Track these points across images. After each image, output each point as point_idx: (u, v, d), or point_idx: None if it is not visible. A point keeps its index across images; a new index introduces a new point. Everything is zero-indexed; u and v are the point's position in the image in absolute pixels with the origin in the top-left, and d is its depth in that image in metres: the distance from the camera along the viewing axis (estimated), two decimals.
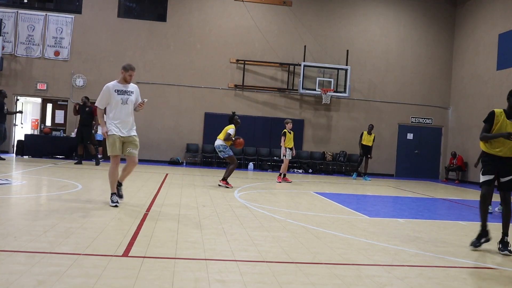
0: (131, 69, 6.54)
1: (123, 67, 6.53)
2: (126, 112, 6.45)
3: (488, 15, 17.13)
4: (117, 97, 6.39)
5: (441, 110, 19.23)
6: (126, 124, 6.46)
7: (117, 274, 3.38)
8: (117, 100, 6.39)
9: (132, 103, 6.55)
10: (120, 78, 6.54)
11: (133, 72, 6.56)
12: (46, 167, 12.48)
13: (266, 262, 4.00)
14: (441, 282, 3.74)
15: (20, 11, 17.23)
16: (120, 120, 6.41)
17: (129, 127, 6.49)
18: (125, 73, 6.49)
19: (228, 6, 18.08)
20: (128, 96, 6.49)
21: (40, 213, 5.76)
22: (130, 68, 6.53)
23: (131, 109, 6.54)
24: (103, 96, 6.42)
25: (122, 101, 6.42)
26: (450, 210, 9.26)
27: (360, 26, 18.80)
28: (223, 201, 7.79)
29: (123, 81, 6.52)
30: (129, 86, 6.56)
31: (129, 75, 6.50)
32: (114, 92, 6.39)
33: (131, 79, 6.56)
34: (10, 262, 3.50)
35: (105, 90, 6.41)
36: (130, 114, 6.52)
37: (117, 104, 6.40)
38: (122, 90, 6.46)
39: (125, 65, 6.55)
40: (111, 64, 17.54)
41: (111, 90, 6.40)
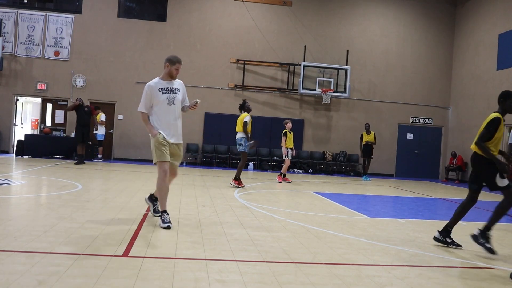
0: (178, 61, 5.48)
1: (168, 60, 5.46)
2: (173, 114, 5.39)
3: (488, 15, 17.13)
4: (161, 97, 5.34)
5: (441, 110, 19.23)
6: (174, 128, 5.42)
7: (117, 274, 3.38)
8: (162, 100, 5.34)
9: (180, 102, 5.50)
10: (163, 73, 5.48)
11: (180, 65, 5.50)
12: (46, 167, 12.48)
13: (266, 262, 3.99)
14: (441, 282, 3.74)
15: (20, 11, 17.23)
16: (167, 124, 5.36)
17: (177, 133, 5.47)
18: (171, 66, 5.43)
19: (228, 6, 18.08)
20: (174, 95, 5.42)
21: (40, 213, 5.76)
22: (177, 60, 5.48)
23: (179, 110, 5.50)
24: (146, 97, 5.37)
25: (168, 101, 5.36)
26: (450, 210, 9.24)
27: (360, 26, 18.80)
28: (223, 201, 7.79)
29: (168, 77, 5.47)
30: (174, 83, 5.50)
31: (175, 69, 5.44)
32: (158, 92, 5.34)
33: (177, 74, 5.53)
34: (10, 262, 3.50)
35: (147, 90, 5.36)
36: (178, 116, 5.47)
37: (162, 105, 5.34)
38: (167, 88, 5.41)
39: (170, 57, 5.49)
40: (111, 64, 17.55)
41: (154, 89, 5.34)
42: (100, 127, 16.06)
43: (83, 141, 14.56)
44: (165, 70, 5.47)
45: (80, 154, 14.51)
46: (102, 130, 16.14)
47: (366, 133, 15.43)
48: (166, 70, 5.46)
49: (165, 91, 5.38)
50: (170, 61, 5.46)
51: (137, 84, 17.60)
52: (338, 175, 17.53)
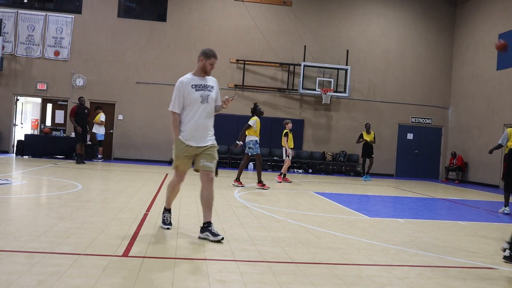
0: (214, 56, 4.94)
1: (204, 53, 4.92)
2: (205, 114, 4.91)
3: (488, 15, 17.13)
4: (195, 94, 4.84)
5: (441, 110, 19.23)
6: (203, 129, 4.91)
7: (117, 274, 3.38)
8: (195, 98, 4.83)
9: (213, 101, 5.00)
10: (196, 68, 4.97)
11: (216, 60, 4.96)
12: (46, 167, 12.48)
13: (266, 262, 3.99)
14: (441, 282, 3.74)
15: (20, 11, 17.23)
16: (197, 124, 4.86)
17: (207, 134, 4.94)
18: (206, 61, 4.90)
19: (228, 6, 18.07)
20: (208, 93, 4.93)
21: (40, 213, 5.76)
22: (213, 54, 4.94)
23: (212, 109, 5.02)
24: (178, 95, 4.84)
25: (201, 99, 4.86)
26: (450, 210, 9.25)
27: (360, 26, 18.80)
28: (223, 201, 7.79)
29: (202, 73, 4.96)
30: (208, 79, 5.01)
31: (210, 63, 4.92)
32: (191, 88, 4.85)
33: (212, 70, 5.01)
34: (10, 262, 3.50)
35: (179, 87, 4.85)
36: (210, 116, 4.98)
37: (195, 103, 4.84)
38: (201, 84, 4.91)
39: (205, 50, 4.95)
40: (111, 64, 17.55)
41: (187, 86, 4.85)
42: (100, 127, 16.08)
43: (83, 140, 14.71)
44: (199, 65, 4.93)
45: (80, 154, 14.57)
46: (102, 130, 16.16)
47: (367, 132, 15.44)
48: (200, 65, 4.92)
49: (198, 88, 4.88)
50: (205, 54, 4.92)
51: (137, 84, 17.60)
52: (338, 175, 17.53)
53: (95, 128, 16.13)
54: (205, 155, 4.87)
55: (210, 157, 4.89)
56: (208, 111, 4.93)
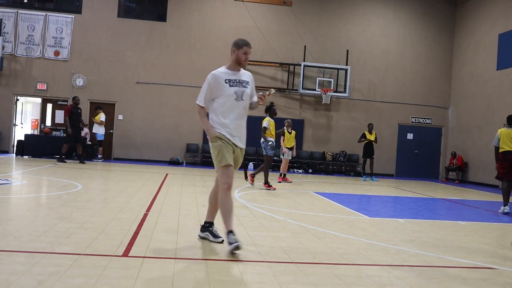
0: (246, 44, 4.44)
1: (235, 44, 4.47)
2: (240, 112, 4.43)
3: (488, 15, 17.13)
4: (228, 90, 4.37)
5: (441, 110, 19.23)
6: (239, 129, 4.43)
7: (117, 274, 3.38)
8: (229, 94, 4.36)
9: (248, 98, 4.53)
10: (230, 62, 4.51)
11: (249, 48, 4.47)
12: (46, 167, 12.48)
13: (266, 262, 3.99)
14: (441, 282, 3.74)
15: (20, 11, 17.23)
16: (231, 124, 4.37)
17: (242, 135, 4.49)
18: (238, 51, 4.42)
19: (228, 6, 18.08)
20: (244, 89, 4.46)
21: (40, 213, 5.76)
22: (245, 43, 4.44)
23: (247, 107, 4.54)
24: (208, 88, 4.40)
25: (236, 95, 4.38)
26: (450, 210, 9.25)
27: (360, 26, 18.80)
28: None
29: (236, 65, 4.49)
30: (243, 74, 4.55)
31: (243, 53, 4.42)
32: (224, 83, 4.37)
33: (247, 60, 4.51)
34: (10, 262, 3.50)
35: (210, 81, 4.38)
36: (245, 114, 4.51)
37: (229, 100, 4.36)
38: (235, 80, 4.44)
39: (236, 40, 4.50)
40: (111, 64, 17.55)
41: (220, 80, 4.37)
42: (100, 127, 16.09)
43: (75, 140, 14.67)
44: (232, 57, 4.47)
45: (80, 154, 14.59)
46: (102, 130, 16.16)
47: (369, 132, 15.45)
48: (233, 57, 4.46)
49: (232, 83, 4.40)
50: (236, 44, 4.45)
51: (137, 84, 17.60)
52: (338, 175, 17.53)
53: (95, 128, 16.14)
54: (235, 162, 4.47)
55: (238, 164, 4.53)
56: (242, 109, 4.43)
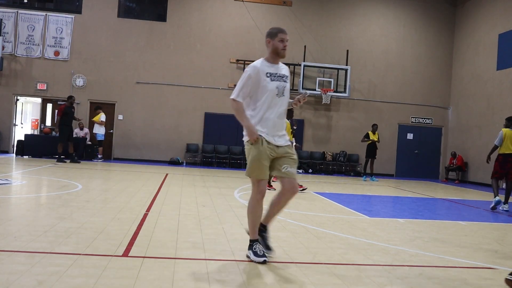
0: (281, 31, 4.04)
1: (268, 34, 4.08)
2: (281, 109, 4.03)
3: (488, 15, 17.14)
4: (270, 85, 3.95)
5: (441, 110, 19.23)
6: (279, 127, 4.03)
7: (117, 274, 3.38)
8: (271, 89, 3.94)
9: (288, 95, 4.14)
10: (268, 54, 4.09)
11: (286, 35, 4.04)
12: (46, 167, 12.48)
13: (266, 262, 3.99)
14: (441, 282, 3.74)
15: (20, 11, 17.23)
16: (272, 122, 3.97)
17: (283, 132, 4.09)
18: (273, 40, 4.02)
19: (228, 6, 18.08)
20: (284, 84, 4.06)
21: (40, 213, 5.76)
22: (279, 30, 4.05)
23: (287, 105, 4.15)
24: (247, 82, 3.97)
25: (278, 91, 3.97)
26: (450, 210, 9.25)
27: (360, 26, 18.80)
28: (223, 201, 7.79)
29: (275, 57, 4.08)
30: (282, 68, 4.14)
31: (280, 40, 4.00)
32: (265, 77, 3.96)
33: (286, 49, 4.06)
34: (10, 262, 3.50)
35: (250, 74, 3.95)
36: (285, 112, 4.15)
37: (269, 96, 3.95)
38: (276, 73, 4.02)
39: (269, 30, 4.10)
40: (111, 64, 17.56)
41: (261, 73, 3.96)
42: (100, 127, 16.09)
43: (69, 139, 14.65)
44: (269, 49, 4.05)
45: (71, 153, 14.55)
46: (102, 130, 16.16)
47: (373, 133, 15.48)
48: (270, 48, 4.04)
49: (274, 78, 3.99)
50: (270, 34, 4.05)
51: (137, 84, 17.61)
52: (338, 175, 17.53)
53: (95, 129, 16.15)
54: (287, 159, 4.00)
55: (293, 162, 4.03)
56: (284, 106, 4.05)
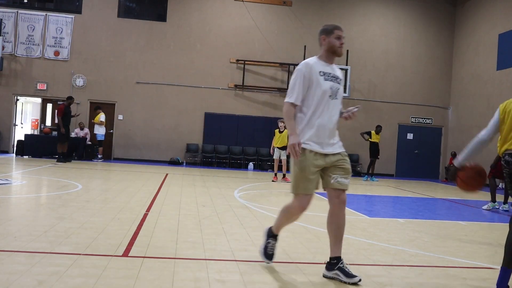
0: (336, 27, 3.66)
1: (323, 31, 3.68)
2: (334, 113, 3.63)
3: (488, 15, 17.14)
4: (324, 85, 3.54)
5: (441, 110, 19.23)
6: (330, 133, 3.61)
7: (117, 274, 3.38)
8: (324, 90, 3.54)
9: (341, 98, 3.74)
10: (322, 52, 3.69)
11: (342, 32, 3.67)
12: (46, 167, 12.48)
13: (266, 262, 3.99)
14: (441, 282, 3.74)
15: (20, 11, 17.23)
16: (323, 127, 3.56)
17: (335, 139, 3.69)
18: (329, 37, 3.63)
19: (228, 6, 18.08)
20: (338, 85, 3.65)
21: (40, 213, 5.76)
22: (335, 27, 3.66)
23: (339, 109, 3.74)
24: (302, 81, 3.54)
25: (331, 92, 3.57)
26: (450, 210, 9.25)
27: (360, 26, 18.80)
28: (223, 201, 7.79)
29: (330, 56, 3.67)
30: (335, 68, 3.73)
31: (336, 37, 3.62)
32: (319, 76, 3.55)
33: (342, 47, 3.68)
34: (10, 262, 3.50)
35: (304, 72, 3.55)
36: (338, 116, 3.73)
37: (323, 97, 3.54)
38: (330, 73, 3.62)
39: (324, 27, 3.71)
40: (111, 64, 17.56)
41: (314, 71, 3.56)
42: (100, 127, 16.09)
43: (67, 139, 14.67)
44: (323, 47, 3.66)
45: (62, 153, 14.52)
46: (102, 130, 16.16)
47: (376, 133, 15.51)
48: (325, 46, 3.65)
49: (328, 77, 3.58)
50: (325, 31, 3.66)
51: (137, 84, 17.61)
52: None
53: (95, 129, 16.15)
54: (338, 169, 3.59)
55: (345, 171, 3.61)
56: (336, 110, 3.66)
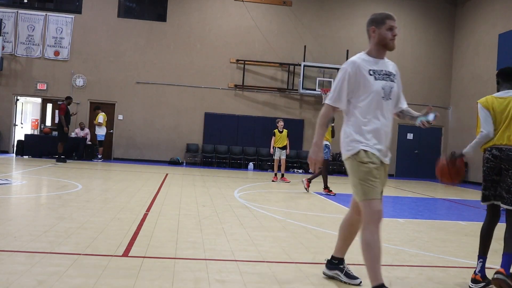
0: (388, 17, 3.24)
1: (373, 21, 3.27)
2: (388, 116, 3.24)
3: (488, 15, 17.14)
4: (375, 85, 3.15)
5: (441, 110, 19.21)
6: (386, 140, 3.21)
7: (117, 274, 3.38)
8: (376, 90, 3.14)
9: (396, 97, 3.35)
10: (370, 46, 3.27)
11: (395, 22, 3.23)
12: (46, 167, 12.48)
13: (266, 262, 3.99)
14: (441, 282, 3.74)
15: (20, 11, 17.23)
16: (377, 132, 3.14)
17: (388, 147, 3.25)
18: (379, 29, 3.20)
19: (228, 6, 18.08)
20: (391, 83, 3.25)
21: (40, 213, 5.76)
22: (386, 16, 3.24)
23: (393, 110, 3.36)
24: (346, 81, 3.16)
25: (384, 93, 3.17)
26: (450, 210, 9.26)
27: (360, 26, 18.78)
28: (223, 201, 7.79)
29: (380, 51, 3.25)
30: (388, 63, 3.32)
31: (388, 28, 3.19)
32: (368, 76, 3.15)
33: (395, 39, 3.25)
34: (10, 262, 3.50)
35: (349, 72, 3.15)
36: (392, 119, 3.30)
37: (374, 98, 3.14)
38: (381, 71, 3.21)
39: (373, 17, 3.30)
40: (111, 64, 17.55)
41: (362, 69, 3.15)
42: (100, 127, 16.09)
43: (67, 139, 14.69)
44: (373, 39, 3.24)
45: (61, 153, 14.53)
46: (103, 131, 16.16)
47: None
48: (375, 39, 3.23)
49: (379, 76, 3.18)
50: (374, 21, 3.25)
51: (137, 84, 17.61)
52: (338, 175, 17.52)
53: (96, 129, 16.14)
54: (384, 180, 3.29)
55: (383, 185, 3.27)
56: (391, 113, 3.27)
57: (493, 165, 3.78)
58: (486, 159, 3.87)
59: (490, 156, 3.82)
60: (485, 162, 3.87)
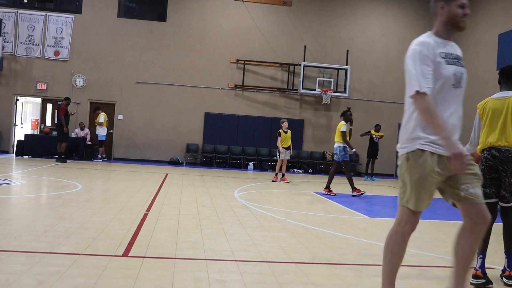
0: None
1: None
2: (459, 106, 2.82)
3: (488, 15, 17.14)
4: (447, 71, 2.70)
5: None
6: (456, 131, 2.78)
7: (117, 274, 3.38)
8: (447, 76, 2.70)
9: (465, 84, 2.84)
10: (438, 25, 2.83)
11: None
12: (46, 167, 12.48)
13: (266, 262, 3.99)
14: (441, 282, 3.74)
15: (20, 11, 17.23)
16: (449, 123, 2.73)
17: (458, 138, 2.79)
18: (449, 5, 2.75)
19: (228, 6, 18.08)
20: (461, 69, 2.78)
21: (40, 213, 5.76)
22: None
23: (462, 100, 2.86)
24: (423, 64, 2.68)
25: (455, 79, 2.73)
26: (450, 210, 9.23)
27: (360, 26, 18.80)
28: (223, 201, 7.79)
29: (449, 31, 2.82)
30: (455, 46, 2.86)
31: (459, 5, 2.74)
32: (441, 59, 2.71)
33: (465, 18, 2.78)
34: (10, 262, 3.50)
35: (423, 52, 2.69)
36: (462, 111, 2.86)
37: (445, 86, 2.71)
38: (451, 54, 2.77)
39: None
40: (111, 64, 17.55)
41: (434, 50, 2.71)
42: (101, 127, 16.09)
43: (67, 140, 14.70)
44: (441, 18, 2.81)
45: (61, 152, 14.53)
46: (103, 131, 16.16)
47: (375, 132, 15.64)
48: (443, 17, 2.80)
49: (450, 60, 2.74)
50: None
51: (137, 84, 17.61)
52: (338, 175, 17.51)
53: (97, 129, 16.13)
54: (467, 176, 2.72)
55: (476, 179, 2.76)
56: (461, 103, 2.84)
57: (491, 164, 3.87)
58: (484, 158, 3.93)
59: (489, 156, 3.89)
60: (484, 161, 3.94)
